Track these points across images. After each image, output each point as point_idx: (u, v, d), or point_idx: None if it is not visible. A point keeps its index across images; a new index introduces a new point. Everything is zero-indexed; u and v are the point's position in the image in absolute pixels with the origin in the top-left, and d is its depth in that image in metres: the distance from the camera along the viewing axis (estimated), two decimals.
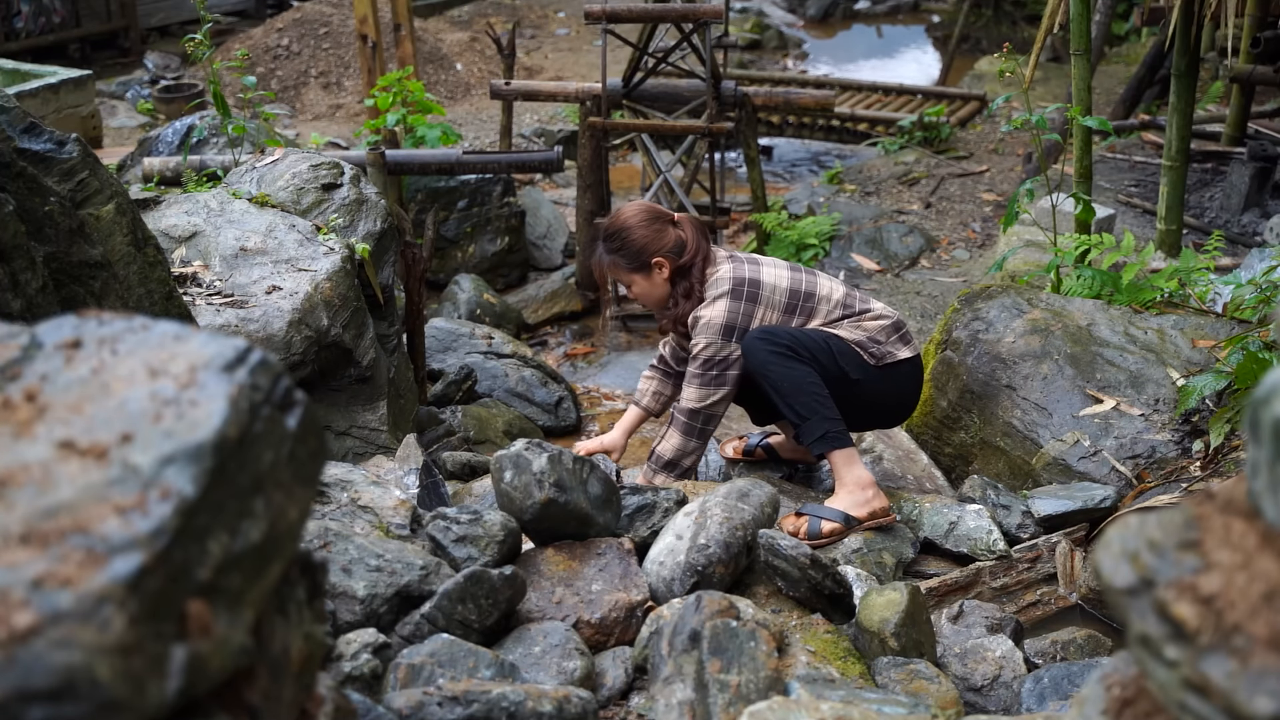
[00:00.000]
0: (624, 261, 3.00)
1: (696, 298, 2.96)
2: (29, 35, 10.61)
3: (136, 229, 2.65)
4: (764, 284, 2.93)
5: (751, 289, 2.92)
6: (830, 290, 2.98)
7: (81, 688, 0.69)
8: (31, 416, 0.86)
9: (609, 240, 3.02)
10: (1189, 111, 5.31)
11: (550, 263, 6.83)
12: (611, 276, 3.13)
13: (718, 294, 2.92)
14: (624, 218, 3.01)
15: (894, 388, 2.97)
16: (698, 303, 2.95)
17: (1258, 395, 0.79)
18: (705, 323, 2.91)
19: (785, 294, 2.94)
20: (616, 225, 3.01)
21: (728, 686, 1.76)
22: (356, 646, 1.79)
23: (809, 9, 15.16)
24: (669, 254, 2.97)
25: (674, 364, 3.27)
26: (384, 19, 9.39)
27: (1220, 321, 3.46)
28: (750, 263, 3.00)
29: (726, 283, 2.93)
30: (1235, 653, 0.73)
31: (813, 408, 2.80)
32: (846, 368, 2.87)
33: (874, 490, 2.82)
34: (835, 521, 2.77)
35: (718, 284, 2.94)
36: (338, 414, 3.58)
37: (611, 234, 3.01)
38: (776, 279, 2.95)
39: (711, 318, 2.91)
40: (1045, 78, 9.95)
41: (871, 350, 2.91)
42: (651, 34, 5.89)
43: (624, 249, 2.99)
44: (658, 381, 3.30)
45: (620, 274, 3.05)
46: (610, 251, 3.02)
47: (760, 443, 3.33)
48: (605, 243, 3.03)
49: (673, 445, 3.00)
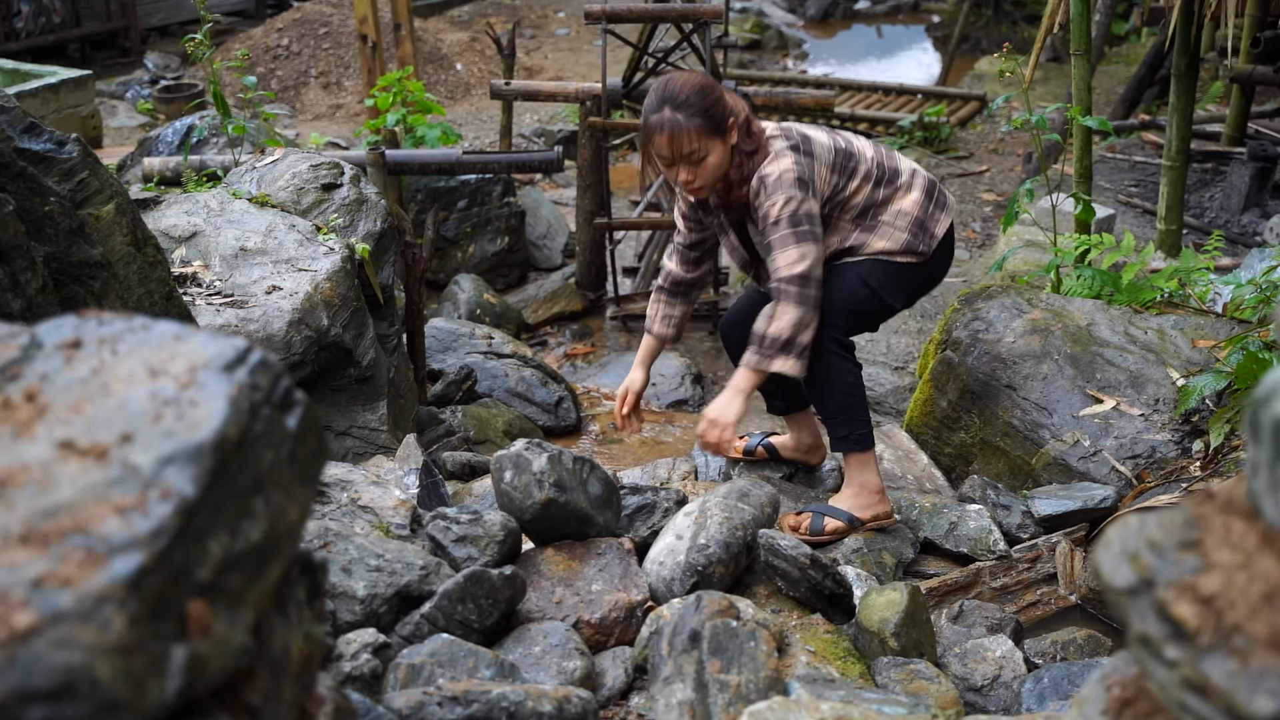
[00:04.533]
0: (708, 126, 2.65)
1: (755, 158, 2.71)
2: (29, 35, 10.61)
3: (136, 229, 2.65)
4: (814, 140, 2.78)
5: (806, 144, 2.75)
6: (864, 148, 2.87)
7: (81, 688, 0.69)
8: (31, 416, 0.86)
9: (689, 105, 2.65)
10: (1189, 111, 5.31)
11: (550, 263, 6.83)
12: (688, 149, 2.67)
13: (779, 150, 2.71)
14: (696, 79, 2.69)
15: (940, 267, 2.94)
16: (755, 164, 2.71)
17: (1258, 395, 0.79)
18: (778, 179, 2.67)
19: (830, 151, 2.79)
20: (693, 86, 2.67)
21: (728, 686, 1.76)
22: (356, 646, 1.79)
23: (809, 9, 15.16)
24: (734, 114, 2.71)
25: (686, 269, 3.09)
26: (384, 19, 9.39)
27: (1220, 321, 3.46)
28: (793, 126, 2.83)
29: (783, 139, 2.74)
30: (1235, 653, 0.73)
31: (845, 405, 2.77)
32: (894, 301, 2.84)
33: (881, 495, 2.83)
34: (839, 520, 2.77)
35: (774, 141, 2.73)
36: (338, 414, 3.58)
37: (690, 97, 2.65)
38: (819, 136, 2.81)
39: (783, 172, 2.68)
40: (1045, 78, 9.95)
41: (918, 248, 2.82)
42: (651, 34, 5.89)
43: (709, 110, 2.65)
44: (665, 304, 3.11)
45: (702, 141, 2.66)
46: (695, 115, 2.64)
47: (761, 442, 3.32)
48: (685, 108, 2.64)
49: (789, 319, 2.65)
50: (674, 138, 2.65)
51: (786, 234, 2.67)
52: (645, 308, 5.90)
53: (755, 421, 4.78)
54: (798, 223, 2.66)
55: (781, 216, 2.67)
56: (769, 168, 2.68)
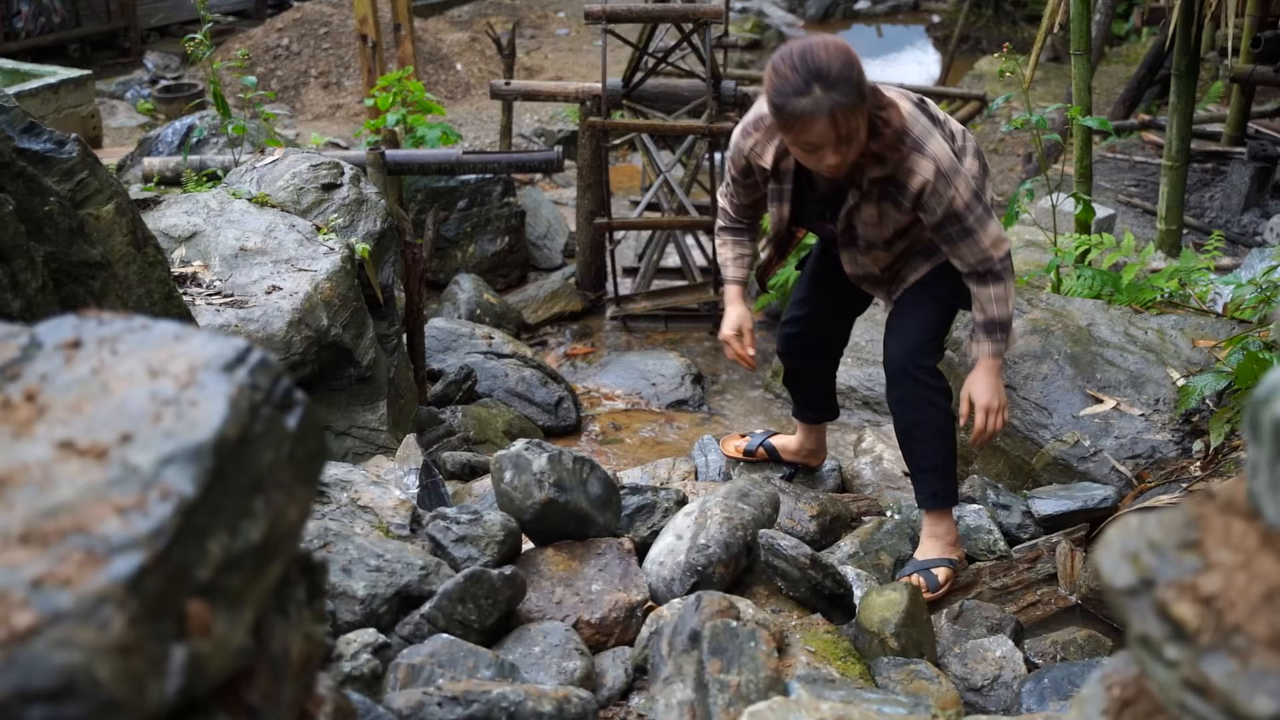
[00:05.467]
0: (861, 100, 2.32)
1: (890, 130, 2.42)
2: (29, 35, 10.61)
3: (136, 229, 2.64)
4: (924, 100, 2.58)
5: (923, 106, 2.56)
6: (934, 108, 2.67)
7: (81, 688, 0.69)
8: (31, 416, 0.86)
9: (844, 80, 2.27)
10: (1189, 111, 5.31)
11: (550, 263, 6.83)
12: (846, 129, 2.32)
13: (920, 124, 2.46)
14: (835, 45, 2.32)
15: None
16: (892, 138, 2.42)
17: (1258, 395, 0.79)
18: (950, 165, 2.45)
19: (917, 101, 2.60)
20: (839, 55, 2.28)
21: (728, 686, 1.76)
22: (356, 646, 1.79)
23: (809, 9, 15.16)
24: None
25: (744, 216, 2.87)
26: (384, 19, 9.39)
27: (1220, 321, 3.46)
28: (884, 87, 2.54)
29: (918, 112, 2.49)
30: (1235, 653, 0.73)
31: (936, 463, 2.70)
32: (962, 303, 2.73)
33: (959, 539, 2.82)
34: (946, 568, 2.74)
35: (908, 117, 2.45)
36: (338, 414, 3.58)
37: (842, 70, 2.27)
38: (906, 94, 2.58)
39: (945, 155, 2.45)
40: (1045, 78, 9.95)
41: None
42: (651, 34, 5.89)
43: (860, 81, 2.31)
44: (733, 245, 2.91)
45: (859, 119, 2.33)
46: (852, 90, 2.28)
47: (762, 442, 3.32)
48: (840, 85, 2.26)
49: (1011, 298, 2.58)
50: (835, 121, 2.29)
51: (981, 214, 2.50)
52: (645, 307, 5.92)
53: (746, 421, 4.78)
54: (981, 200, 2.50)
55: (969, 200, 2.48)
56: (936, 153, 2.44)
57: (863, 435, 3.71)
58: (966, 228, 2.50)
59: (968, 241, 2.52)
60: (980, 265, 2.54)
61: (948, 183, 2.45)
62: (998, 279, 2.55)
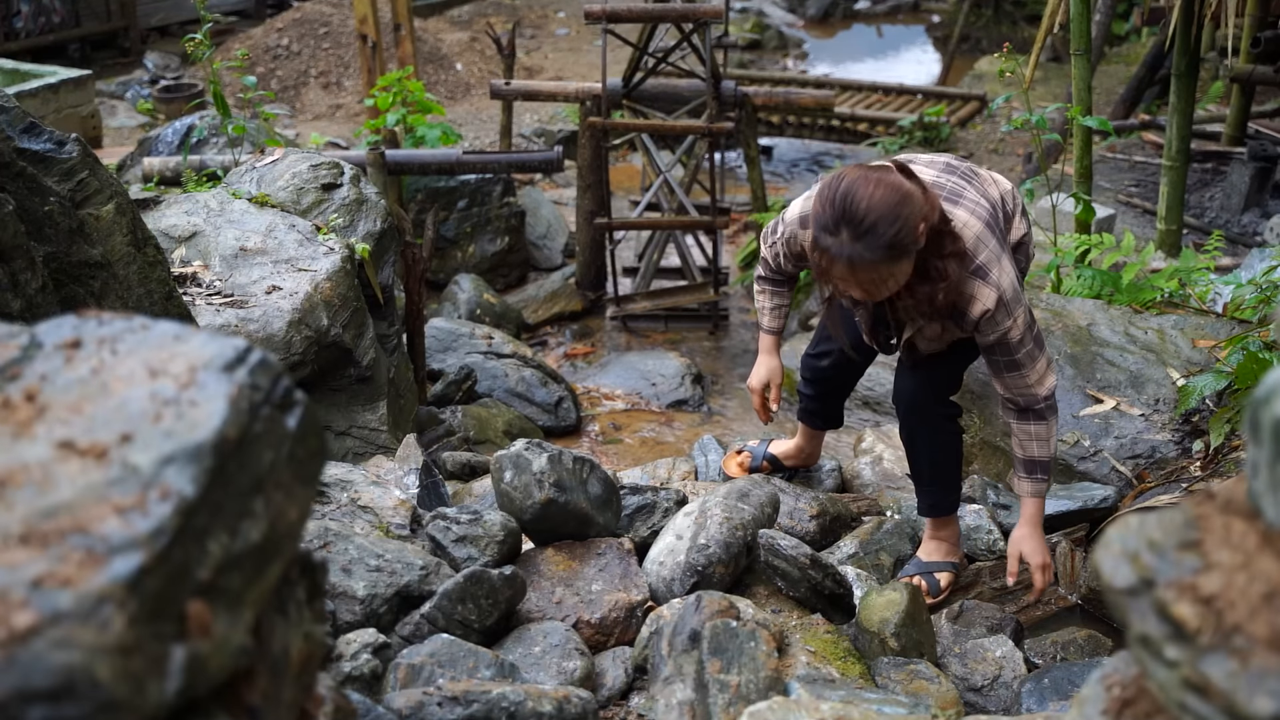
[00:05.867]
0: (894, 255, 2.14)
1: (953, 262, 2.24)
2: (29, 35, 10.61)
3: (136, 229, 2.65)
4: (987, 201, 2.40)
5: (991, 217, 2.36)
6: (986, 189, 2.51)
7: (81, 688, 0.69)
8: (31, 416, 0.86)
9: (875, 234, 2.09)
10: (1189, 111, 5.31)
11: (550, 263, 6.83)
12: (869, 277, 2.18)
13: (990, 250, 2.29)
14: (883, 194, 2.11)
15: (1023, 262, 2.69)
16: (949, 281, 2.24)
17: (1258, 395, 0.79)
18: (1013, 295, 2.31)
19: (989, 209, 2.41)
20: (881, 208, 2.10)
21: (728, 686, 1.76)
22: (356, 646, 1.79)
23: (809, 9, 15.16)
24: (925, 219, 2.18)
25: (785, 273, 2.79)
26: (384, 19, 9.39)
27: (1220, 321, 3.46)
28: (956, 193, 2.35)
29: (988, 233, 2.30)
30: (1235, 653, 0.73)
31: (939, 475, 2.72)
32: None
33: (959, 541, 2.83)
34: (947, 572, 2.76)
35: (976, 242, 2.28)
36: (338, 414, 3.58)
37: (877, 224, 2.10)
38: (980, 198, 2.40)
39: (1011, 284, 2.30)
40: (1045, 78, 9.95)
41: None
42: (651, 34, 5.89)
43: (897, 238, 2.11)
44: (772, 294, 2.85)
45: (887, 270, 2.17)
46: (881, 246, 2.10)
47: (765, 456, 3.29)
48: (869, 237, 2.09)
49: (1054, 438, 2.50)
50: (854, 269, 2.16)
51: (1031, 349, 2.40)
52: (645, 307, 5.92)
53: (746, 422, 4.78)
54: (1032, 330, 2.40)
55: (1023, 334, 2.37)
56: (1000, 281, 2.29)
57: (863, 435, 3.71)
58: (1015, 360, 2.42)
59: (1013, 374, 2.44)
60: (1020, 398, 2.46)
61: (1007, 313, 2.33)
62: (1039, 418, 2.46)
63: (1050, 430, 2.48)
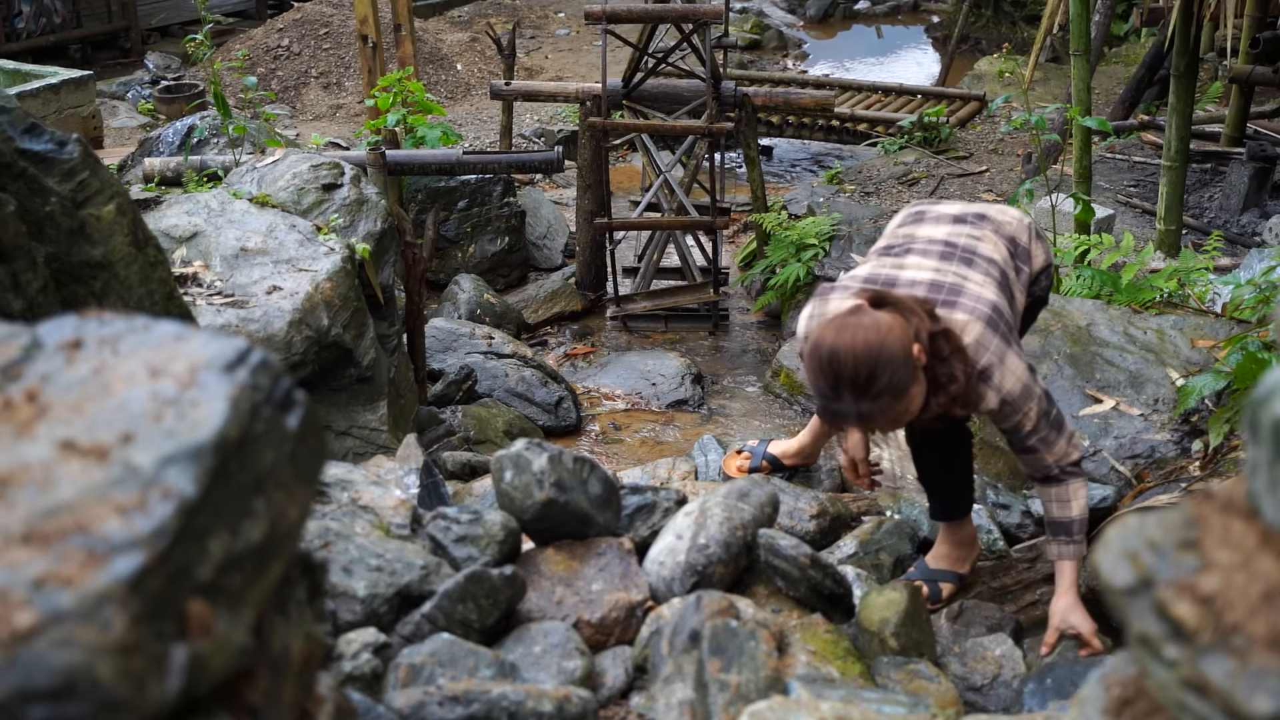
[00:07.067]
0: (900, 394, 2.22)
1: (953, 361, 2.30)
2: (30, 36, 10.62)
3: (137, 229, 2.64)
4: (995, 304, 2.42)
5: (995, 315, 2.39)
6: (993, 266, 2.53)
7: (82, 687, 0.69)
8: (32, 416, 0.86)
9: (879, 391, 2.19)
10: (1188, 112, 5.31)
11: (550, 263, 6.83)
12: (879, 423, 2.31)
13: (994, 354, 2.34)
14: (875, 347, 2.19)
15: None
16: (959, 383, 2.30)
17: (1257, 395, 0.79)
18: (1023, 390, 2.37)
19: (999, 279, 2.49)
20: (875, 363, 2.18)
21: (728, 686, 1.76)
22: (357, 646, 1.79)
23: (809, 9, 15.16)
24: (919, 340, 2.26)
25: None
26: (384, 19, 9.39)
27: (1219, 321, 3.47)
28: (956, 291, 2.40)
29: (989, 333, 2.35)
30: (1234, 652, 0.73)
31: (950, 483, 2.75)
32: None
33: (973, 541, 2.82)
34: (951, 583, 2.77)
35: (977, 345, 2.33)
36: (338, 414, 3.58)
37: (878, 384, 2.19)
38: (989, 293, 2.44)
39: (1019, 379, 2.37)
40: (1045, 78, 9.95)
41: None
42: (651, 34, 5.89)
43: (896, 382, 2.20)
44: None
45: (897, 409, 2.25)
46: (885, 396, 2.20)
47: (764, 456, 3.30)
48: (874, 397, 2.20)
49: (1084, 498, 2.53)
50: (872, 421, 2.28)
51: (1046, 433, 2.44)
52: (645, 307, 5.92)
53: (746, 422, 4.79)
54: (1048, 415, 2.44)
55: (1038, 422, 2.43)
56: (1003, 383, 2.35)
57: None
58: (1029, 446, 2.47)
59: (1029, 455, 2.49)
60: (1039, 473, 2.51)
61: (1015, 409, 2.39)
62: (1057, 481, 2.50)
63: (1070, 491, 2.49)
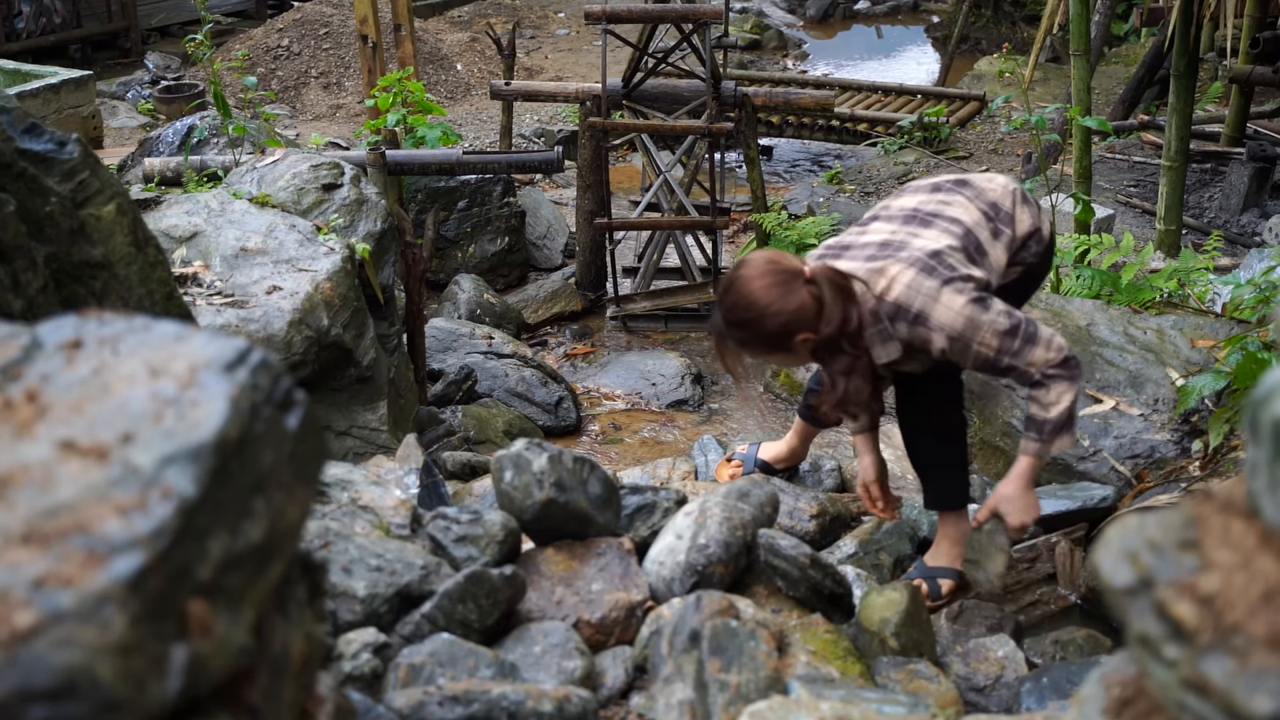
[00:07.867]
0: (762, 346, 2.44)
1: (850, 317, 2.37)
2: (30, 36, 10.62)
3: (137, 229, 2.64)
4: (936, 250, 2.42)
5: (933, 260, 2.39)
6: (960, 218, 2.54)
7: (82, 688, 0.69)
8: (32, 416, 0.86)
9: (739, 326, 2.41)
10: (1188, 112, 5.31)
11: (550, 263, 6.83)
12: (729, 356, 2.53)
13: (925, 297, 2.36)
14: (758, 294, 2.35)
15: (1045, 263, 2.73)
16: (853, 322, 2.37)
17: (1257, 395, 0.79)
18: (965, 325, 2.35)
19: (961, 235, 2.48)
20: (746, 307, 2.37)
21: (728, 686, 1.77)
22: (357, 646, 1.79)
23: (809, 9, 15.16)
24: (810, 326, 2.37)
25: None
26: (384, 19, 9.39)
27: (1219, 321, 3.47)
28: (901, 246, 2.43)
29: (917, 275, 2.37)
30: (1234, 652, 0.73)
31: (944, 463, 2.73)
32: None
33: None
34: (951, 580, 2.75)
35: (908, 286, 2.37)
36: (338, 414, 3.58)
37: (741, 318, 2.39)
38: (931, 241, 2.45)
39: (951, 322, 2.35)
40: (1045, 78, 9.95)
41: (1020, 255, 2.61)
42: (651, 34, 5.89)
43: (760, 336, 2.40)
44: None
45: (756, 354, 2.51)
46: (742, 337, 2.43)
47: (756, 463, 3.29)
48: (735, 329, 2.42)
49: (1069, 400, 2.44)
50: (721, 347, 2.50)
51: (1018, 349, 2.38)
52: (645, 307, 5.92)
53: (746, 422, 4.78)
54: (1014, 333, 2.37)
55: (1001, 345, 2.37)
56: (943, 321, 2.35)
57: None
58: (1004, 368, 2.43)
59: (1011, 375, 2.46)
60: (1025, 383, 2.47)
61: (966, 343, 2.37)
62: (1039, 385, 2.44)
63: (1052, 395, 2.42)
